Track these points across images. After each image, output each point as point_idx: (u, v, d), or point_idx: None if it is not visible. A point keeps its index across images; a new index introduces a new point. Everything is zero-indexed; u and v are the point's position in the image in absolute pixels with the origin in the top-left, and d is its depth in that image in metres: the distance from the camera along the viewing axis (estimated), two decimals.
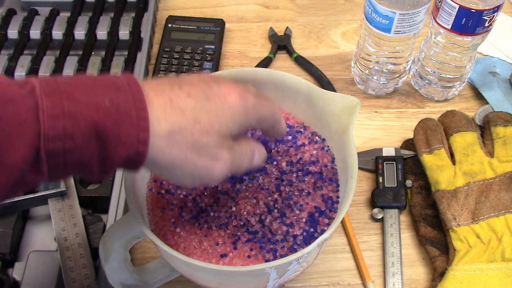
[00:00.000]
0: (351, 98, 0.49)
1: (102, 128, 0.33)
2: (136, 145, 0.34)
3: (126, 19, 0.78)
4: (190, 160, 0.37)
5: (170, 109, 0.36)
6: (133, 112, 0.34)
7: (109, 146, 0.34)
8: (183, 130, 0.36)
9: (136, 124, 0.34)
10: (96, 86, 0.34)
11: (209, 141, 0.37)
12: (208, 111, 0.37)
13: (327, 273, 0.57)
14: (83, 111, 0.33)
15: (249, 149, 0.42)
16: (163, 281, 0.51)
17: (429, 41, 0.68)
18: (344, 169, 0.48)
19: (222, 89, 0.39)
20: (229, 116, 0.38)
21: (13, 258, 0.55)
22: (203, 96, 0.38)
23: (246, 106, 0.39)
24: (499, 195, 0.56)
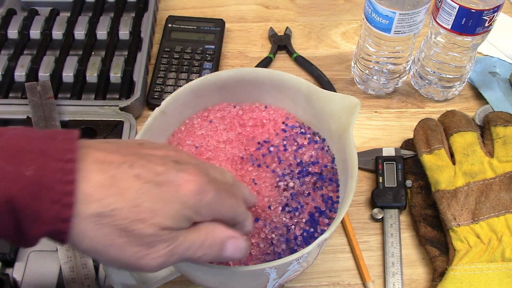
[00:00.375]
0: (351, 98, 0.49)
1: (18, 202, 0.30)
2: (55, 224, 0.31)
3: (126, 19, 0.78)
4: (117, 246, 0.33)
5: (107, 189, 0.32)
6: (58, 186, 0.31)
7: (25, 222, 0.30)
8: (116, 212, 0.32)
9: (59, 199, 0.31)
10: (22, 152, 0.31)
11: (144, 231, 0.33)
12: (153, 198, 0.33)
13: (327, 273, 0.57)
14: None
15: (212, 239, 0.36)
16: (163, 281, 0.51)
17: (429, 41, 0.68)
18: (344, 169, 0.48)
19: (180, 176, 0.34)
20: (176, 209, 0.33)
21: (13, 258, 0.55)
22: (153, 181, 0.33)
23: (200, 202, 0.34)
24: (499, 195, 0.56)
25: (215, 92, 0.53)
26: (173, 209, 0.33)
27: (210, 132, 0.52)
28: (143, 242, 0.33)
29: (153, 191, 0.33)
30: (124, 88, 0.70)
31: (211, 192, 0.35)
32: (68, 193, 0.31)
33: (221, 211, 0.36)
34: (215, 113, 0.53)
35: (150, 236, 0.33)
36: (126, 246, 0.33)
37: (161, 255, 0.34)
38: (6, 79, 0.71)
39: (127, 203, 0.32)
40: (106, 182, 0.32)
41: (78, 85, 0.70)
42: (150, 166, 0.34)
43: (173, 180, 0.34)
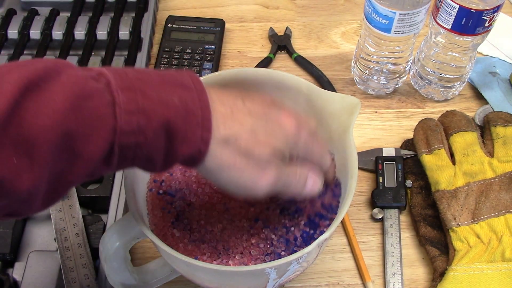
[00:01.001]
0: (351, 98, 0.49)
1: (172, 125, 0.34)
2: (199, 144, 0.36)
3: (126, 19, 0.78)
4: (238, 166, 0.38)
5: (230, 119, 0.37)
6: (199, 112, 0.36)
7: (176, 143, 0.35)
8: (239, 138, 0.37)
9: (201, 124, 0.36)
10: (164, 83, 0.36)
11: (260, 153, 0.38)
12: (265, 129, 0.39)
13: (327, 273, 0.57)
14: (155, 108, 0.34)
15: (301, 174, 0.42)
16: (163, 281, 0.51)
17: (429, 41, 0.68)
18: (344, 169, 0.48)
19: (281, 115, 0.40)
20: (283, 139, 0.40)
21: (13, 258, 0.55)
22: (262, 116, 0.39)
23: (299, 137, 0.41)
24: (499, 195, 0.56)
25: None
26: (281, 139, 0.40)
27: None
28: (259, 164, 0.38)
29: (263, 125, 0.39)
30: None
31: (304, 131, 0.41)
32: (207, 118, 0.36)
33: (312, 149, 0.42)
34: None
35: (266, 160, 0.38)
36: (245, 167, 0.38)
37: (271, 178, 0.39)
38: None
39: (247, 130, 0.38)
40: (227, 113, 0.38)
41: None
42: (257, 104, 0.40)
43: (277, 117, 0.40)
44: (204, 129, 0.36)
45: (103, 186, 0.59)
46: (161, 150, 0.35)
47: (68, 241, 0.54)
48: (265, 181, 0.39)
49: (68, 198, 0.57)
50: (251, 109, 0.39)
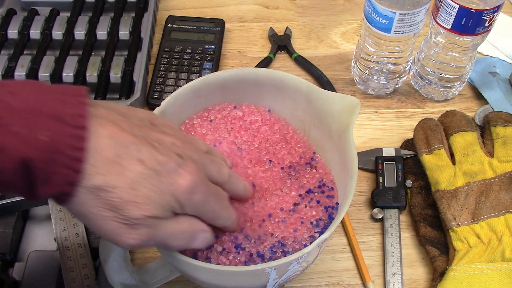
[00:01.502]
0: (351, 98, 0.49)
1: (32, 164, 0.32)
2: (63, 186, 0.33)
3: (126, 19, 0.78)
4: (102, 217, 0.35)
5: (112, 166, 0.34)
6: (70, 152, 0.32)
7: (37, 183, 0.33)
8: (114, 190, 0.34)
9: (70, 164, 0.33)
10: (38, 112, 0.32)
11: (132, 214, 0.35)
12: (149, 185, 0.35)
13: (327, 273, 0.57)
14: (16, 146, 0.31)
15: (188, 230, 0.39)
16: (163, 281, 0.51)
17: (429, 41, 0.68)
18: (344, 169, 0.48)
19: (178, 171, 0.36)
20: (166, 200, 0.36)
21: (13, 258, 0.55)
22: (153, 169, 0.35)
23: (188, 201, 0.37)
24: (499, 195, 0.56)
25: (215, 92, 0.53)
26: (164, 199, 0.36)
27: (210, 132, 0.52)
28: (127, 222, 0.35)
29: (151, 179, 0.35)
30: (124, 88, 0.70)
31: (200, 194, 0.38)
32: (78, 159, 0.33)
33: (203, 212, 0.39)
34: (215, 113, 0.53)
35: (136, 220, 0.35)
36: (110, 220, 0.35)
37: (140, 238, 0.36)
38: (6, 79, 0.70)
39: (126, 184, 0.34)
40: (112, 159, 0.34)
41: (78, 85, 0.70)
42: (155, 154, 0.36)
43: (171, 173, 0.36)
44: (73, 171, 0.33)
45: None
46: (23, 188, 0.33)
47: (68, 241, 0.54)
48: (129, 239, 0.36)
49: None
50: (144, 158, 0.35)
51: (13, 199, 0.56)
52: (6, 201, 0.56)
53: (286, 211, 0.47)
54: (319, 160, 0.52)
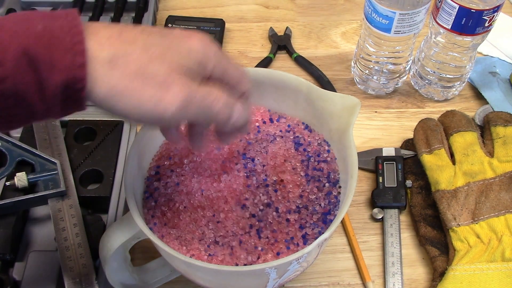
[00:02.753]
0: (351, 98, 0.49)
1: (33, 53, 0.31)
2: (72, 70, 0.32)
3: (126, 19, 0.78)
4: (133, 89, 0.33)
5: (116, 39, 0.33)
6: (67, 37, 0.32)
7: (43, 71, 0.32)
8: (128, 56, 0.33)
9: (71, 48, 0.32)
10: (31, 16, 0.33)
11: (157, 69, 0.33)
12: (161, 45, 0.34)
13: (327, 273, 0.57)
14: (11, 38, 0.31)
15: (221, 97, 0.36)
16: (163, 281, 0.51)
17: (429, 41, 0.68)
18: (344, 169, 0.48)
19: (184, 33, 0.35)
20: (186, 54, 0.34)
21: (13, 258, 0.55)
22: (158, 34, 0.35)
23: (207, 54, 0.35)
24: (499, 195, 0.56)
25: None
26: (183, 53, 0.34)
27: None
28: (158, 83, 0.33)
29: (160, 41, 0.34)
30: None
31: (216, 47, 0.36)
32: (78, 42, 0.32)
33: (228, 67, 0.37)
34: None
35: (165, 75, 0.34)
36: (142, 88, 0.33)
37: (178, 96, 0.34)
38: None
39: (138, 48, 0.33)
40: (113, 34, 0.33)
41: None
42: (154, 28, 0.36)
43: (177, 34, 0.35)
44: (76, 53, 0.32)
45: (103, 186, 0.59)
46: (30, 83, 0.32)
47: (68, 241, 0.54)
48: (170, 99, 0.34)
49: (68, 198, 0.57)
50: (145, 29, 0.35)
51: (13, 199, 0.56)
52: (6, 201, 0.56)
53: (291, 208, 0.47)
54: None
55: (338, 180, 0.49)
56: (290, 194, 0.48)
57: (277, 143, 0.51)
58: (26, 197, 0.56)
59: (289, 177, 0.49)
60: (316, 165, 0.50)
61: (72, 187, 0.58)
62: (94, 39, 0.33)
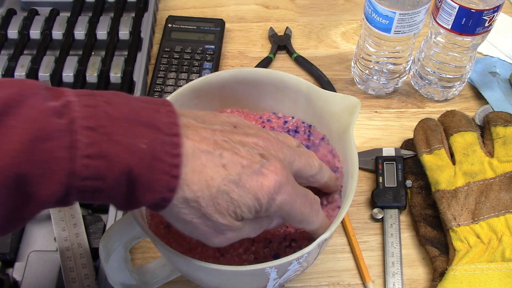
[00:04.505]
0: (351, 98, 0.49)
1: (135, 172, 0.33)
2: (164, 192, 0.34)
3: (126, 19, 0.78)
4: (195, 224, 0.37)
5: (197, 174, 0.35)
6: (168, 159, 0.33)
7: (138, 190, 0.33)
8: (200, 200, 0.35)
9: (168, 170, 0.34)
10: (135, 123, 0.33)
11: (220, 221, 0.36)
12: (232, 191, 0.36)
13: (327, 273, 0.57)
14: (118, 153, 0.32)
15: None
16: (163, 281, 0.51)
17: (429, 41, 0.68)
18: (344, 169, 0.48)
19: (262, 171, 0.36)
20: (250, 204, 0.36)
21: (13, 258, 0.55)
22: (236, 174, 0.36)
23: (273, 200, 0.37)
24: (499, 195, 0.56)
25: (215, 92, 0.53)
26: (248, 204, 0.36)
27: None
28: (216, 228, 0.37)
29: (233, 185, 0.36)
30: (124, 88, 0.70)
31: (285, 194, 0.37)
32: (175, 165, 0.34)
33: (289, 214, 0.39)
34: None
35: (223, 226, 0.37)
36: (201, 225, 0.37)
37: (227, 240, 0.38)
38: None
39: (211, 195, 0.35)
40: (198, 168, 0.35)
41: (78, 85, 0.70)
42: (237, 158, 0.36)
43: (254, 176, 0.36)
44: (171, 177, 0.34)
45: None
46: (122, 196, 0.34)
47: (68, 241, 0.54)
48: (217, 242, 0.38)
49: None
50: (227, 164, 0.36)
51: None
52: None
53: None
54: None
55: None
56: None
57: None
58: None
59: None
60: None
61: None
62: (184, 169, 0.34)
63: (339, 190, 0.47)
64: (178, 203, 0.35)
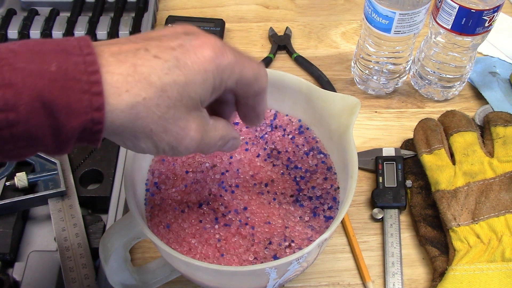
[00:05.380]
0: (351, 98, 0.49)
1: (48, 96, 0.30)
2: (90, 113, 0.31)
3: (126, 19, 0.78)
4: (156, 134, 0.34)
5: (132, 78, 0.32)
6: (83, 77, 0.31)
7: (60, 115, 0.31)
8: (147, 102, 0.33)
9: (88, 89, 0.31)
10: (42, 51, 0.31)
11: (176, 114, 0.34)
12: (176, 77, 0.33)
13: (327, 273, 0.57)
14: (25, 80, 0.30)
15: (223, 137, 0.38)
16: (163, 281, 0.51)
17: (429, 41, 0.68)
18: (344, 169, 0.48)
19: (194, 42, 0.34)
20: (200, 80, 0.34)
21: (13, 258, 0.55)
22: (172, 58, 0.33)
23: (221, 63, 0.35)
24: (499, 195, 0.56)
25: None
26: (197, 82, 0.34)
27: None
28: (177, 127, 0.34)
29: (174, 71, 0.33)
30: None
31: (229, 54, 0.35)
32: (95, 82, 0.31)
33: (243, 72, 0.36)
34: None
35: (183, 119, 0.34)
36: (164, 134, 0.34)
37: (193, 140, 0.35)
38: None
39: (155, 89, 0.33)
40: (128, 70, 0.32)
41: None
42: (164, 43, 0.34)
43: (189, 47, 0.34)
44: (93, 94, 0.31)
45: (103, 186, 0.59)
46: (45, 127, 0.31)
47: (68, 241, 0.54)
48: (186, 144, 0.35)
49: (68, 198, 0.57)
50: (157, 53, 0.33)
51: (13, 199, 0.56)
52: (6, 201, 0.56)
53: (288, 209, 0.47)
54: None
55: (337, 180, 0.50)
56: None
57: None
58: (26, 197, 0.56)
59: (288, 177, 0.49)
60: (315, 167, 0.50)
61: (72, 187, 0.58)
62: (110, 78, 0.32)
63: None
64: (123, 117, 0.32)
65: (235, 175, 0.50)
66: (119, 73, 0.32)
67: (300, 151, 0.51)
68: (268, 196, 0.48)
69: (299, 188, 0.49)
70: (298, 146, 0.52)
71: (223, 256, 0.45)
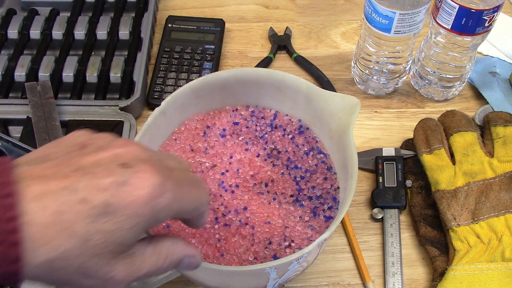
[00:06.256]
0: (351, 98, 0.49)
1: None
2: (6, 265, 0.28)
3: (126, 19, 0.78)
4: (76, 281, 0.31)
5: (54, 229, 0.29)
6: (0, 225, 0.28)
7: None
8: (67, 254, 0.30)
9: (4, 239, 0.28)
10: None
11: (100, 261, 0.31)
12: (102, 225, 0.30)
13: (327, 273, 0.57)
14: None
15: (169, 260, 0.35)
16: (163, 281, 0.51)
17: (429, 41, 0.68)
18: (344, 169, 0.48)
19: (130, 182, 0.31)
20: (129, 226, 0.31)
21: None
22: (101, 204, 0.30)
23: (157, 205, 0.31)
24: (499, 195, 0.56)
25: (215, 92, 0.53)
26: (126, 228, 0.31)
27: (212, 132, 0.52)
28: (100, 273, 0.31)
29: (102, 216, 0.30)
30: (124, 88, 0.70)
31: (168, 191, 0.32)
32: (11, 231, 0.28)
33: (182, 207, 0.33)
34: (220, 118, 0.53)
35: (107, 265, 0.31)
36: (84, 280, 0.31)
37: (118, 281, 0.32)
38: (6, 79, 0.71)
39: (77, 239, 0.30)
40: (50, 220, 0.29)
41: (78, 85, 0.70)
42: (95, 182, 0.30)
43: (124, 186, 0.31)
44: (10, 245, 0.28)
45: None
46: None
47: None
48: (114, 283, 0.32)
49: None
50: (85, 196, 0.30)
51: None
52: None
53: (288, 210, 0.47)
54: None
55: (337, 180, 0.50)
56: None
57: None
58: None
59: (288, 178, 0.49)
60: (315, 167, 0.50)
61: None
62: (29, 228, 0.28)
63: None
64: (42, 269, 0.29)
65: (235, 175, 0.50)
66: (39, 224, 0.29)
67: (300, 151, 0.51)
68: (268, 196, 0.48)
69: (299, 188, 0.49)
70: (298, 146, 0.52)
71: (223, 256, 0.45)
